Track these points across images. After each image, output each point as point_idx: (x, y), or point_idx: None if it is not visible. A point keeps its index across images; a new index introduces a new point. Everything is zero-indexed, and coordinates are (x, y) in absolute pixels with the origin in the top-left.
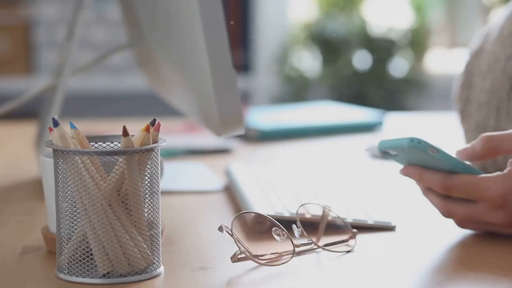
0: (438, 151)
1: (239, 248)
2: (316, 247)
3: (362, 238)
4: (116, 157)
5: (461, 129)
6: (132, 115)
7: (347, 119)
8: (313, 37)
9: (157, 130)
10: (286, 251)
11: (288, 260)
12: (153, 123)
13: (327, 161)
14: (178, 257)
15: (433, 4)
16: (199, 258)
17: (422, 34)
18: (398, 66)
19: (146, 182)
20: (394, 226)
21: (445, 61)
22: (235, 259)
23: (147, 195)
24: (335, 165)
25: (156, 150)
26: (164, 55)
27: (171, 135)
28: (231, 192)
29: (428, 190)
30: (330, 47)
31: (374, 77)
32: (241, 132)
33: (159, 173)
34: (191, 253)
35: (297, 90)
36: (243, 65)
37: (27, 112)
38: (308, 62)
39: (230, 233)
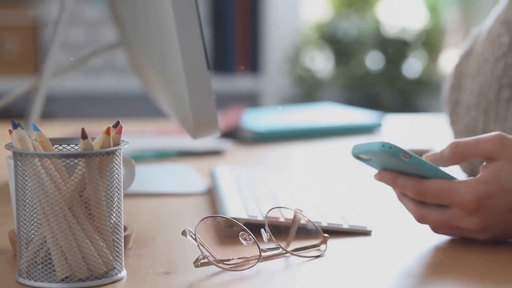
0: (410, 156)
1: (202, 252)
2: (284, 252)
3: (337, 242)
4: (76, 160)
5: (451, 132)
6: (137, 115)
7: (345, 120)
8: (326, 37)
9: (119, 132)
10: (253, 256)
11: (253, 265)
12: (116, 125)
13: (318, 163)
14: (145, 261)
15: (448, 4)
16: (166, 262)
17: (436, 34)
18: (412, 67)
19: (108, 185)
20: (370, 231)
21: None
22: (197, 264)
23: (110, 199)
24: (325, 168)
25: (117, 153)
26: (146, 57)
27: (166, 136)
28: (212, 195)
29: (402, 195)
30: (343, 47)
31: (387, 78)
32: (216, 134)
33: (121, 176)
34: (159, 257)
35: (308, 91)
36: (253, 65)
37: (17, 112)
38: (320, 62)
39: (194, 237)
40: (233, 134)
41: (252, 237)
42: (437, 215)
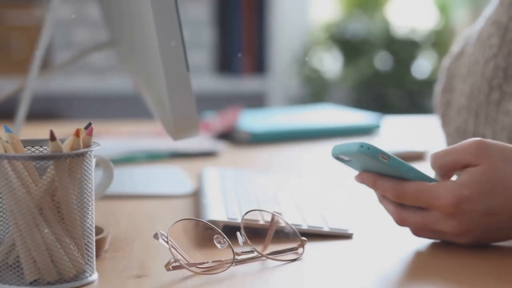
0: (389, 157)
1: (173, 256)
2: (259, 255)
3: (317, 245)
4: (43, 162)
5: (443, 134)
6: (143, 116)
7: (343, 122)
8: (334, 37)
9: (90, 134)
10: (228, 260)
11: (226, 269)
12: (87, 127)
13: (312, 165)
14: (119, 264)
15: (458, 4)
16: (140, 265)
17: (446, 35)
18: (421, 68)
19: (79, 188)
20: (351, 234)
21: None
22: (168, 267)
23: (81, 201)
24: (317, 169)
25: (88, 155)
26: (131, 58)
27: (159, 137)
28: (198, 197)
29: (383, 198)
30: (352, 48)
31: (396, 79)
32: (197, 135)
33: (92, 178)
34: (134, 260)
35: (316, 91)
36: (260, 66)
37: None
38: (329, 63)
39: (166, 240)
40: (229, 135)
41: (227, 240)
42: (416, 218)
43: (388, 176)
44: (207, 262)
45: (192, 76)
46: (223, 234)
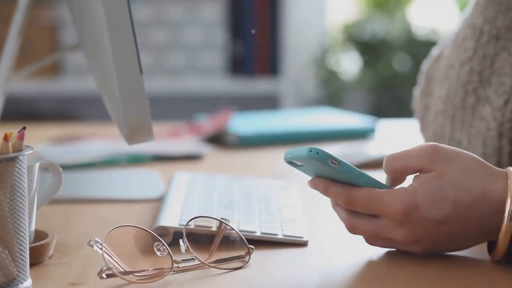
0: (339, 162)
1: (106, 263)
2: (200, 263)
3: (269, 253)
4: None
5: (422, 138)
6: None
7: (337, 125)
8: (353, 39)
9: (21, 138)
10: (168, 268)
11: (162, 278)
12: (20, 130)
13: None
14: (59, 271)
15: None
16: (80, 273)
17: None
18: None
19: (11, 193)
20: (307, 241)
21: None
22: (100, 275)
23: (14, 207)
24: (295, 174)
25: (19, 160)
26: (92, 60)
27: (156, 140)
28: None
29: (336, 204)
30: (370, 49)
31: (416, 81)
32: (151, 140)
33: (25, 184)
34: (76, 267)
35: (333, 93)
36: (273, 67)
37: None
38: (346, 64)
39: (100, 247)
40: (219, 138)
41: (166, 248)
42: (368, 226)
43: (341, 182)
44: (147, 270)
45: (205, 77)
46: (162, 241)
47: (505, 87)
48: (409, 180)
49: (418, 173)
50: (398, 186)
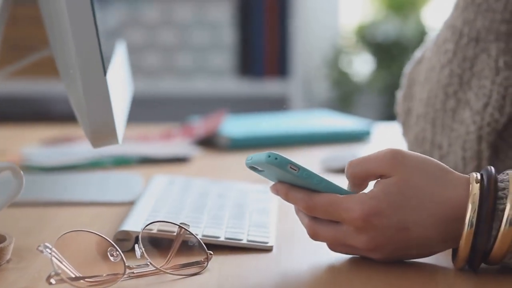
0: (299, 168)
1: (54, 269)
2: (154, 269)
3: (231, 259)
4: None
5: (404, 142)
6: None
7: (332, 128)
8: (365, 40)
9: None
10: (121, 273)
11: (113, 283)
12: None
13: None
14: (13, 276)
15: None
16: (34, 278)
17: None
18: None
19: None
20: (271, 247)
21: None
22: (48, 281)
23: None
24: None
25: None
26: (59, 62)
27: (148, 142)
28: None
29: (299, 210)
30: (383, 51)
31: None
32: (116, 143)
33: None
34: (30, 272)
35: (345, 95)
36: (283, 69)
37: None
38: (359, 66)
39: (49, 252)
40: (210, 140)
41: (119, 253)
42: (329, 232)
43: (302, 187)
44: (100, 276)
45: (213, 79)
46: (116, 246)
47: (485, 90)
48: (371, 186)
49: (379, 179)
50: (358, 193)
